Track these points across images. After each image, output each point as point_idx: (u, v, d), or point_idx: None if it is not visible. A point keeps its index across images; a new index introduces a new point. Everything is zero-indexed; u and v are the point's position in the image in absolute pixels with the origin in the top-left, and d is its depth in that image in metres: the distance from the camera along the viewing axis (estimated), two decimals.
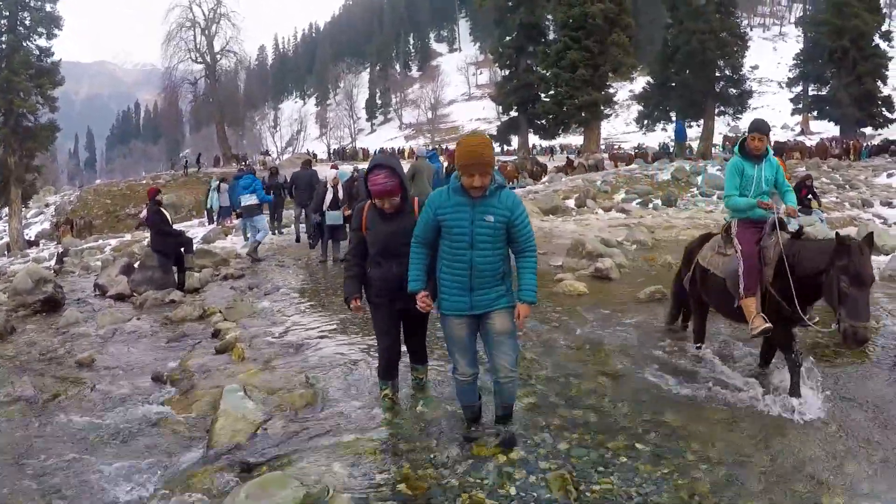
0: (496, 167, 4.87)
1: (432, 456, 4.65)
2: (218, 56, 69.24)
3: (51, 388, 6.64)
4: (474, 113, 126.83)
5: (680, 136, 42.18)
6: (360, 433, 5.00)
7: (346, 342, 7.51)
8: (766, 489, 4.20)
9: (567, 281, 10.54)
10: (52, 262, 20.64)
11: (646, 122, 50.41)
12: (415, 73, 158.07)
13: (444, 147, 69.09)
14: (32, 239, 39.62)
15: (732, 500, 4.08)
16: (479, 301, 4.53)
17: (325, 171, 19.82)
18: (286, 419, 5.42)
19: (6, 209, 40.56)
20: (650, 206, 23.72)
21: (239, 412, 5.23)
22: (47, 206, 52.37)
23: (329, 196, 13.69)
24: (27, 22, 39.92)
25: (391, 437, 4.99)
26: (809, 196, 17.34)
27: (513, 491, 4.16)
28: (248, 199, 15.41)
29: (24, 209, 41.69)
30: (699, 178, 28.79)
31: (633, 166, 36.92)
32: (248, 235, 16.35)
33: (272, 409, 5.59)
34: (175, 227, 13.39)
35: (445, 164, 21.05)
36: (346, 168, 16.94)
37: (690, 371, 6.43)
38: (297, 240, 17.76)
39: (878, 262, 12.25)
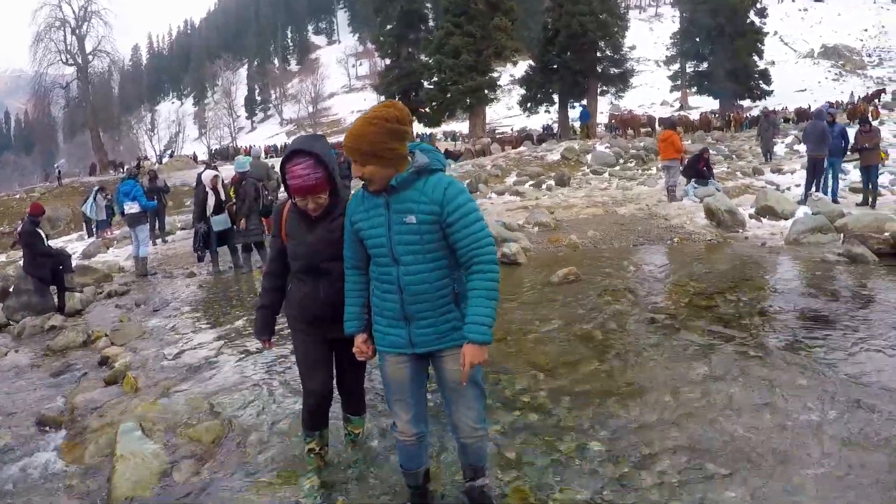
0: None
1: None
2: (90, 57, 65.76)
3: None
4: (356, 105, 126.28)
5: (584, 117, 43.29)
6: (282, 470, 4.37)
7: (248, 360, 6.80)
8: (734, 470, 4.01)
9: None
10: None
11: (529, 105, 50.81)
12: (294, 67, 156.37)
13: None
14: None
15: (705, 487, 3.85)
16: (421, 336, 3.34)
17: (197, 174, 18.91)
18: (195, 460, 4.67)
19: None
20: (543, 186, 23.77)
21: (139, 457, 4.54)
22: None
23: (211, 199, 12.78)
24: None
25: (320, 477, 4.28)
26: (705, 168, 17.70)
27: None
28: (130, 208, 14.25)
29: None
30: (588, 157, 29.24)
31: (521, 149, 37.24)
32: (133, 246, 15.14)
33: (177, 449, 4.86)
34: (53, 242, 12.29)
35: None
36: (242, 158, 15.92)
37: (622, 351, 6.29)
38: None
39: (779, 227, 12.90)
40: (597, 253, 12.06)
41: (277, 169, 21.08)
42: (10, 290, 11.65)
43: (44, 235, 11.39)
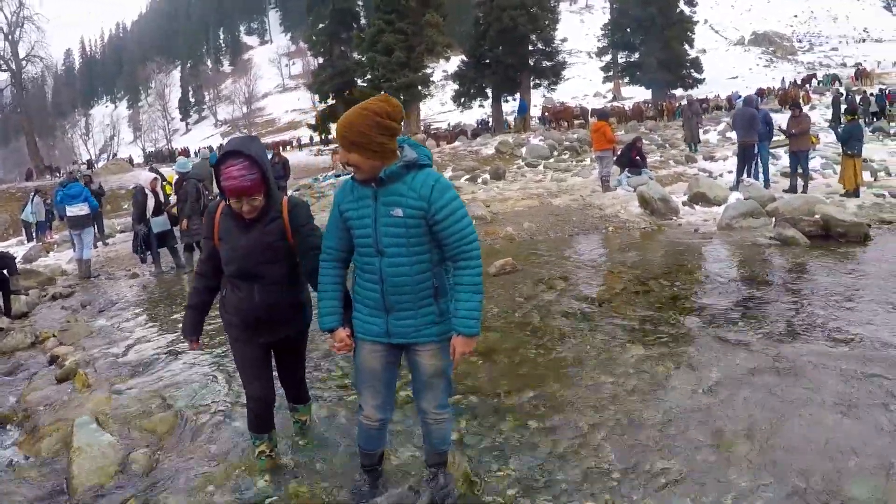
0: (404, 136, 3.49)
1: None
2: (23, 62, 64.38)
3: None
4: (290, 104, 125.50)
5: (522, 110, 43.60)
6: (235, 451, 4.52)
7: (196, 355, 6.81)
8: (662, 441, 4.24)
9: None
10: None
11: (462, 100, 50.84)
12: (227, 67, 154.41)
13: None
14: None
15: (640, 461, 4.03)
16: (399, 327, 3.41)
17: (140, 176, 18.83)
18: (151, 449, 4.80)
19: None
20: (479, 181, 23.90)
21: (96, 448, 4.65)
22: None
23: (151, 202, 12.86)
24: None
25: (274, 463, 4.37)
26: (638, 157, 18.00)
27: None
28: (79, 210, 13.96)
29: None
30: (523, 150, 29.51)
31: (456, 144, 37.39)
32: (77, 248, 14.92)
33: (133, 440, 4.98)
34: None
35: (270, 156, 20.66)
36: (182, 159, 15.92)
37: (559, 337, 6.49)
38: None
39: (712, 213, 13.22)
40: (533, 244, 12.30)
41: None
42: None
43: None
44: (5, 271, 11.16)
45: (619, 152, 18.15)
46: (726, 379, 5.12)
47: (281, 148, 25.96)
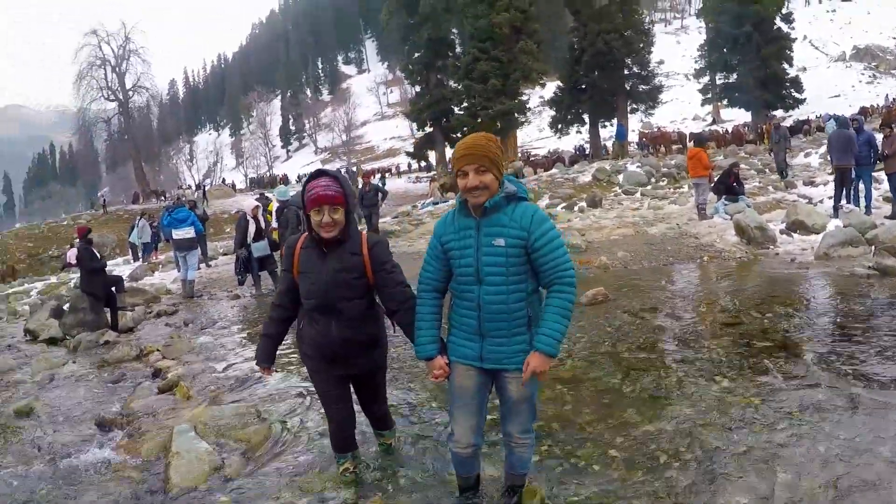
0: (507, 170, 3.63)
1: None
2: (130, 93, 68.50)
3: None
4: (388, 132, 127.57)
5: (620, 136, 43.17)
6: (322, 469, 4.68)
7: (293, 373, 7.17)
8: (744, 478, 4.11)
9: None
10: None
11: (560, 126, 50.56)
12: (326, 96, 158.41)
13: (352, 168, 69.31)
14: None
15: (712, 495, 3.97)
16: (492, 353, 3.52)
17: (242, 202, 19.61)
18: (243, 458, 5.12)
19: None
20: (576, 209, 23.71)
21: (193, 454, 4.96)
22: None
23: (252, 227, 13.41)
24: None
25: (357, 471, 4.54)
26: (735, 183, 17.59)
27: None
28: (185, 233, 14.76)
29: None
30: (620, 177, 29.18)
31: (553, 171, 37.20)
32: (182, 269, 15.63)
33: (227, 449, 5.31)
34: (104, 261, 12.90)
35: (364, 184, 21.06)
36: (282, 187, 16.57)
37: (645, 368, 6.41)
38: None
39: (811, 241, 12.74)
40: (627, 273, 12.20)
41: None
42: (66, 308, 12.23)
43: (97, 254, 11.98)
44: (114, 289, 11.84)
45: (715, 179, 17.84)
46: (811, 416, 4.91)
47: (372, 176, 26.45)
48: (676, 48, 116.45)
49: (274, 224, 14.10)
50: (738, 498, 3.87)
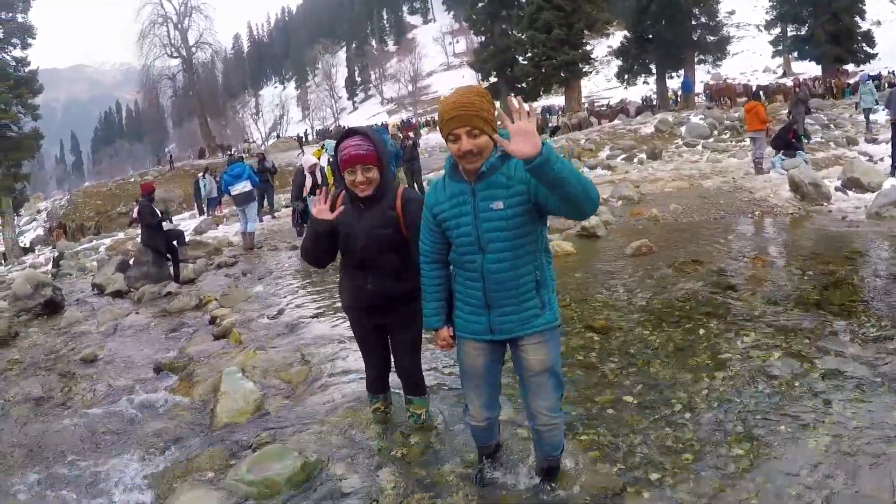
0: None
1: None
2: (193, 49, 69.61)
3: (57, 386, 6.87)
4: (454, 82, 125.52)
5: (686, 87, 42.38)
6: (360, 407, 4.99)
7: (339, 320, 7.47)
8: (748, 431, 4.18)
9: (554, 241, 10.60)
10: (49, 267, 20.85)
11: (626, 76, 49.64)
12: (391, 47, 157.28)
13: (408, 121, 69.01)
14: (28, 246, 40.30)
15: (718, 444, 4.06)
16: (502, 323, 3.35)
17: (301, 158, 20.10)
18: (284, 396, 5.58)
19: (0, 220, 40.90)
20: (635, 160, 23.74)
21: (239, 393, 5.37)
22: (39, 212, 53.17)
23: (308, 181, 13.80)
24: (0, 34, 39.95)
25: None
26: (794, 139, 17.35)
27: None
28: (242, 187, 15.21)
29: (16, 217, 42.20)
30: (682, 129, 28.88)
31: (616, 122, 36.88)
32: (241, 223, 16.21)
33: (270, 388, 5.77)
34: (165, 215, 13.47)
35: (402, 138, 20.88)
36: (330, 142, 16.94)
37: (677, 320, 6.48)
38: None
39: (863, 199, 12.48)
40: (676, 226, 12.27)
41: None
42: (131, 261, 12.88)
43: (157, 211, 12.52)
44: (175, 242, 12.42)
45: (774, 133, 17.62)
46: (832, 381, 4.83)
47: (411, 130, 26.46)
48: None
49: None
50: (737, 451, 3.96)
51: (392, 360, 4.56)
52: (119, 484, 4.41)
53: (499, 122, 3.07)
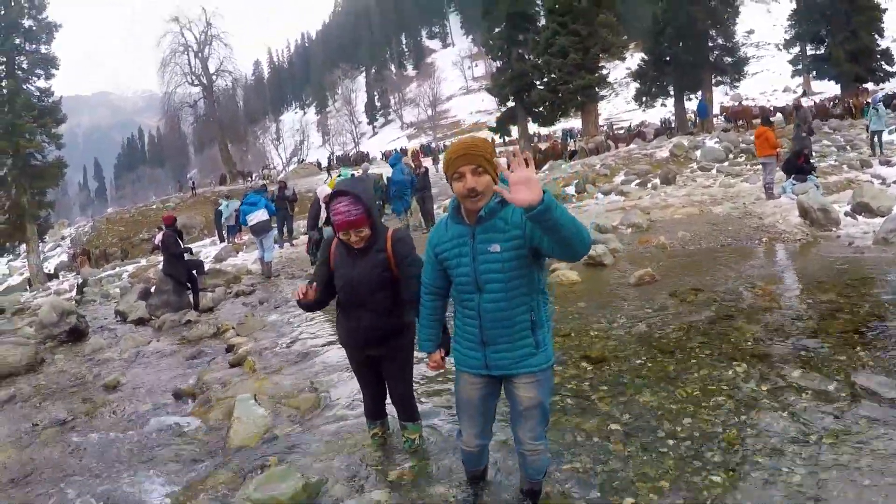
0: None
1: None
2: (214, 77, 70.81)
3: (81, 411, 7.29)
4: (474, 106, 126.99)
5: (702, 112, 42.25)
6: (360, 433, 5.34)
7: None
8: (725, 460, 4.35)
9: (560, 271, 10.91)
10: (73, 293, 21.33)
11: (644, 99, 49.31)
12: (410, 71, 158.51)
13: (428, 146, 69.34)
14: (52, 272, 41.15)
15: (694, 472, 4.25)
16: (496, 360, 3.55)
17: (316, 187, 20.53)
18: (292, 422, 6.00)
19: (24, 246, 42.04)
20: (649, 185, 23.75)
21: (250, 418, 5.82)
22: (63, 238, 54.06)
23: (323, 213, 14.15)
24: (24, 65, 41.39)
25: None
26: (804, 163, 17.30)
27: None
28: (259, 217, 15.59)
29: (40, 244, 43.13)
30: (697, 153, 28.80)
31: (631, 146, 36.88)
32: (258, 251, 16.65)
33: (280, 413, 6.19)
34: (188, 246, 13.96)
35: (414, 165, 21.14)
36: (346, 170, 17.34)
37: (671, 350, 6.65)
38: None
39: (872, 224, 12.36)
40: (683, 254, 12.39)
41: (385, 179, 22.39)
42: (152, 290, 13.32)
43: (180, 242, 12.98)
44: (195, 272, 12.88)
45: (784, 159, 17.63)
46: (815, 409, 4.97)
47: (421, 155, 26.74)
48: (768, 17, 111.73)
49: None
50: (713, 478, 4.14)
51: (387, 389, 4.87)
52: (139, 501, 4.81)
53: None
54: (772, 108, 48.92)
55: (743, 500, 3.91)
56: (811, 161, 17.98)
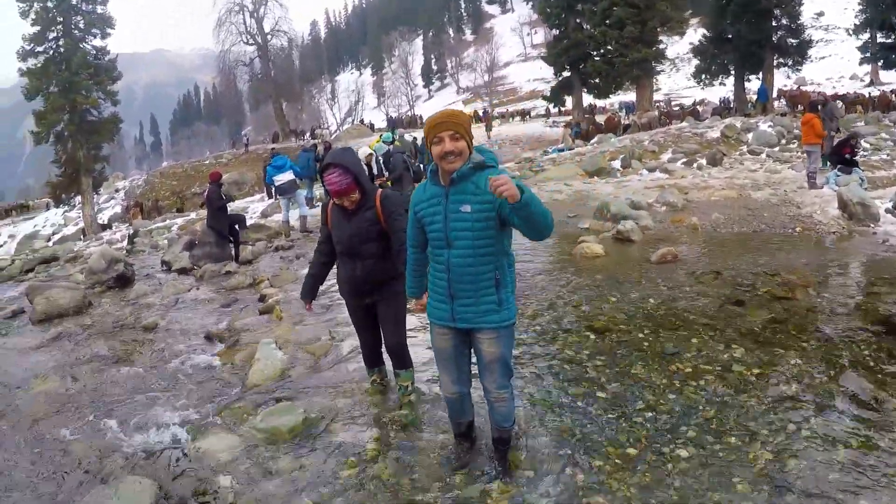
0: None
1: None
2: (269, 37, 71.08)
3: (120, 348, 8.03)
4: (531, 73, 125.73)
5: (762, 95, 41.22)
6: (364, 379, 5.87)
7: None
8: (698, 436, 4.57)
9: (586, 243, 11.07)
10: (124, 243, 22.17)
11: (703, 76, 48.04)
12: (469, 36, 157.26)
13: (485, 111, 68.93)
14: (105, 223, 42.60)
15: (665, 444, 4.50)
16: (462, 313, 3.89)
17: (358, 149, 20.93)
18: (307, 366, 6.63)
19: (79, 197, 43.87)
20: (694, 165, 23.44)
21: (269, 360, 6.47)
22: (117, 191, 55.43)
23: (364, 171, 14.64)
24: (81, 25, 42.48)
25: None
26: (847, 155, 16.90)
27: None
28: (285, 178, 16.17)
29: (95, 196, 44.69)
30: (749, 136, 28.28)
31: (683, 124, 36.40)
32: (282, 213, 17.21)
33: (297, 358, 6.83)
34: (239, 203, 14.58)
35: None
36: (387, 135, 17.74)
37: (674, 328, 6.83)
38: None
39: None
40: (712, 236, 12.31)
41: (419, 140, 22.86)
42: (196, 242, 13.94)
43: (224, 197, 13.57)
44: (237, 226, 13.49)
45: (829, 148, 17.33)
46: (798, 397, 5.11)
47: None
48: (840, 0, 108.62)
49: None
50: (680, 452, 4.39)
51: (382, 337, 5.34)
52: (160, 426, 5.44)
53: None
54: (825, 95, 47.12)
55: (702, 474, 4.15)
56: (856, 153, 17.58)
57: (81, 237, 36.86)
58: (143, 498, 4.09)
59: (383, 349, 5.45)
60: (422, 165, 22.32)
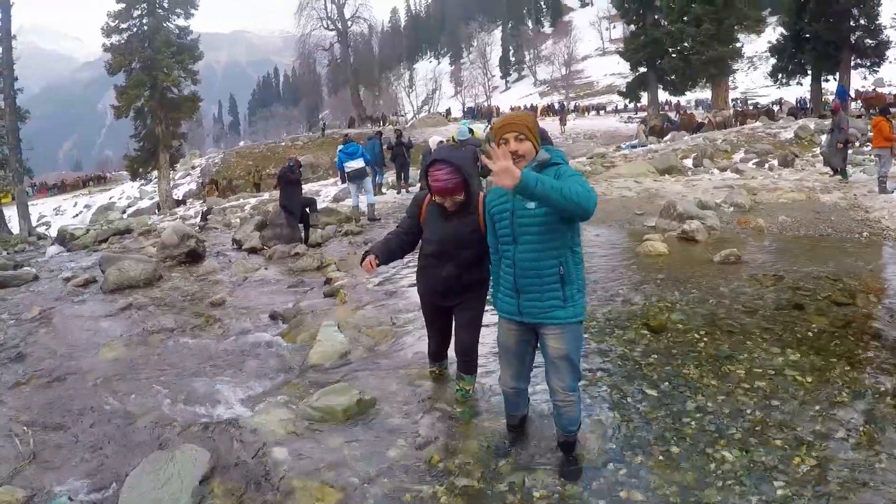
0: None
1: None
2: (349, 23, 71.85)
3: (188, 322, 8.44)
4: (609, 68, 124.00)
5: (841, 96, 40.29)
6: (421, 365, 6.06)
7: None
8: (744, 439, 4.55)
9: (650, 242, 11.04)
10: (197, 220, 22.84)
11: (780, 76, 46.72)
12: (547, 29, 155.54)
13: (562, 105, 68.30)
14: (180, 199, 43.85)
15: (709, 444, 4.50)
16: (528, 308, 3.97)
17: (430, 138, 21.12)
18: (367, 349, 6.83)
19: (156, 172, 45.27)
20: (766, 166, 23.14)
21: (330, 342, 6.71)
22: (193, 168, 56.87)
23: None
24: (165, 4, 43.59)
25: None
26: None
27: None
28: (355, 165, 16.54)
29: (172, 172, 46.11)
30: (823, 138, 27.75)
31: (756, 124, 35.81)
32: (352, 198, 17.66)
33: (358, 341, 7.02)
34: (312, 185, 14.98)
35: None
36: (463, 127, 17.87)
37: (731, 331, 6.73)
38: None
39: None
40: (778, 239, 12.13)
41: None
42: (267, 222, 14.37)
43: (299, 179, 13.98)
44: (308, 209, 13.87)
45: None
46: (850, 405, 5.05)
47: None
48: None
49: None
50: (724, 454, 4.39)
51: (452, 338, 5.26)
52: (222, 399, 5.77)
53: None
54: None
55: (744, 477, 4.14)
56: None
57: (156, 211, 38.18)
58: (198, 465, 4.32)
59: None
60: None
